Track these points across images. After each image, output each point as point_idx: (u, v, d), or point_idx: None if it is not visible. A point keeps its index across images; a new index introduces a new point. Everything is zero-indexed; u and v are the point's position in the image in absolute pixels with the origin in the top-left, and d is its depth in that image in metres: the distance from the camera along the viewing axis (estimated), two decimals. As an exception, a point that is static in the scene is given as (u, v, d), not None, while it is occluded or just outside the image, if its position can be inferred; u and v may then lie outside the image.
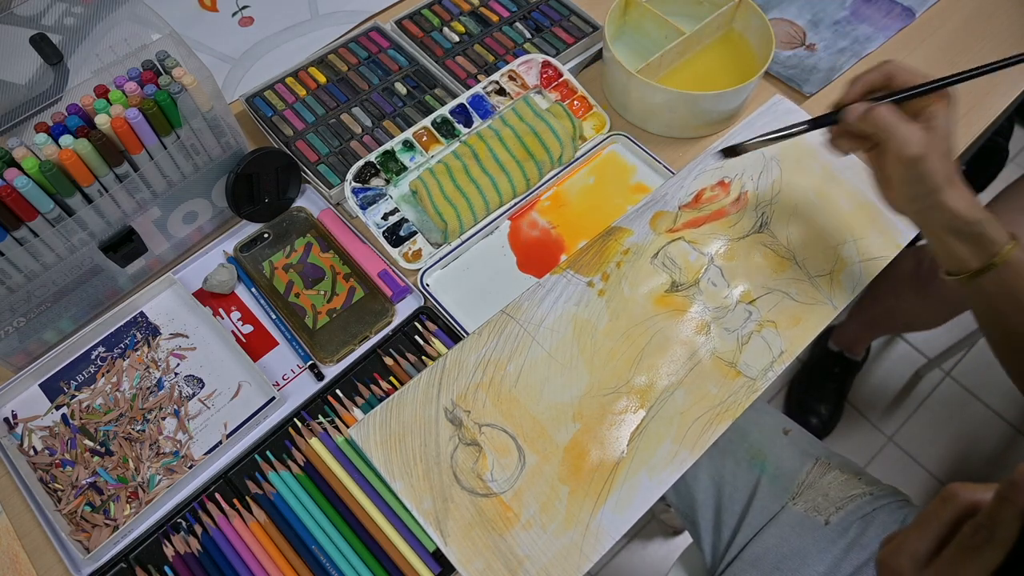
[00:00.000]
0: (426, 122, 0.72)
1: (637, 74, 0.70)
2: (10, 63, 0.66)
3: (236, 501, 0.56)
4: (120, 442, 0.58)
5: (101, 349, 0.63)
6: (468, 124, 0.72)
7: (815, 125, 0.56)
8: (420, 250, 0.67)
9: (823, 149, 0.62)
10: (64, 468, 0.57)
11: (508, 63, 0.77)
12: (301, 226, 0.69)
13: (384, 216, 0.68)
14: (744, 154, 0.60)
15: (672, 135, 0.75)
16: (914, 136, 0.51)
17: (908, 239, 0.67)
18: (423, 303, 0.65)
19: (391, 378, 0.61)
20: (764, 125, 0.73)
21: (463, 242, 0.67)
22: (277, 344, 0.64)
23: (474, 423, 0.57)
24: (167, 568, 0.54)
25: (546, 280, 0.64)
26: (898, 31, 0.83)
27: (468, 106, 0.73)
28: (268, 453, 0.58)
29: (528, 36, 0.81)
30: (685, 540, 1.32)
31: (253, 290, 0.66)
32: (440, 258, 0.67)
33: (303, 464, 0.58)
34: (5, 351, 0.60)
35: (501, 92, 0.74)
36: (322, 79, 0.76)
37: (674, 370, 0.60)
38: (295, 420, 0.59)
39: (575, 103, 0.75)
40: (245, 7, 0.86)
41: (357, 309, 0.65)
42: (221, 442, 0.59)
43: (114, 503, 0.56)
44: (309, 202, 0.71)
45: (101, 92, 0.56)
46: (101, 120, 0.54)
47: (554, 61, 0.76)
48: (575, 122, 0.72)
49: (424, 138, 0.71)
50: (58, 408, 0.60)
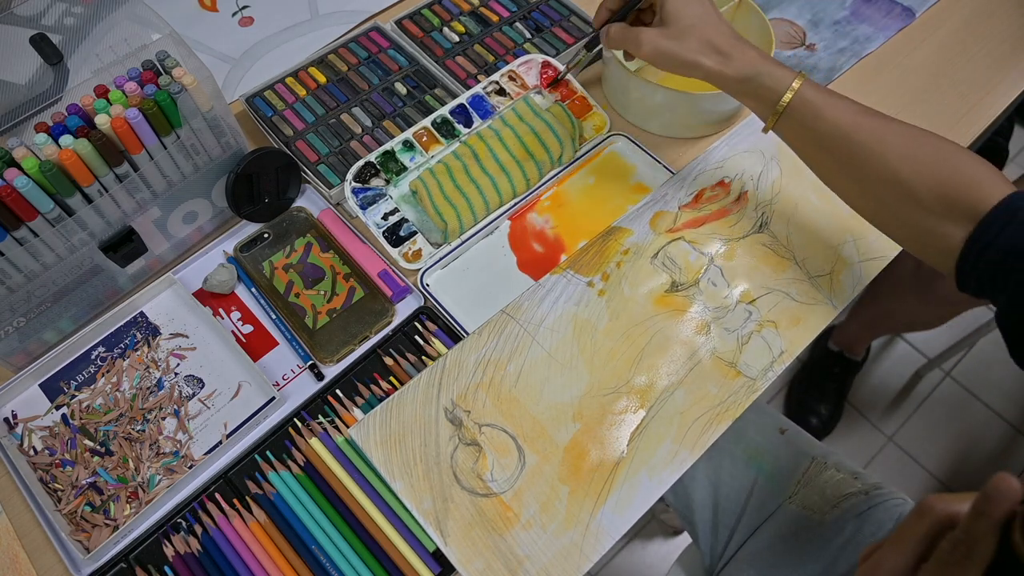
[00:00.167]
0: (426, 122, 0.72)
1: (637, 74, 0.70)
2: (10, 63, 0.66)
3: (236, 501, 0.56)
4: (120, 442, 0.58)
5: (101, 349, 0.63)
6: (468, 124, 0.72)
7: (593, 44, 0.70)
8: (420, 250, 0.67)
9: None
10: (64, 468, 0.57)
11: (508, 63, 0.77)
12: (301, 226, 0.69)
13: (384, 216, 0.68)
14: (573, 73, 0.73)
15: (672, 135, 0.75)
16: (643, 37, 0.58)
17: (908, 239, 0.67)
18: (423, 303, 0.65)
19: (391, 378, 0.61)
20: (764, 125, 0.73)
21: (463, 242, 0.67)
22: (277, 344, 0.64)
23: (474, 423, 0.57)
24: (167, 568, 0.54)
25: (546, 280, 0.64)
26: (898, 31, 0.83)
27: (468, 106, 0.73)
28: (268, 453, 0.58)
29: (528, 36, 0.81)
30: (685, 540, 1.32)
31: (253, 290, 0.66)
32: (440, 258, 0.67)
33: (303, 464, 0.58)
34: (5, 351, 0.60)
35: (501, 92, 0.74)
36: (322, 79, 0.76)
37: (674, 370, 0.60)
38: (295, 420, 0.59)
39: (575, 103, 0.75)
40: (245, 7, 0.86)
41: (357, 309, 0.65)
42: (221, 442, 0.59)
43: (114, 503, 0.56)
44: (309, 202, 0.71)
45: (101, 92, 0.56)
46: (101, 120, 0.54)
47: (554, 61, 0.76)
48: (575, 122, 0.72)
49: (424, 138, 0.71)
50: (58, 408, 0.60)
